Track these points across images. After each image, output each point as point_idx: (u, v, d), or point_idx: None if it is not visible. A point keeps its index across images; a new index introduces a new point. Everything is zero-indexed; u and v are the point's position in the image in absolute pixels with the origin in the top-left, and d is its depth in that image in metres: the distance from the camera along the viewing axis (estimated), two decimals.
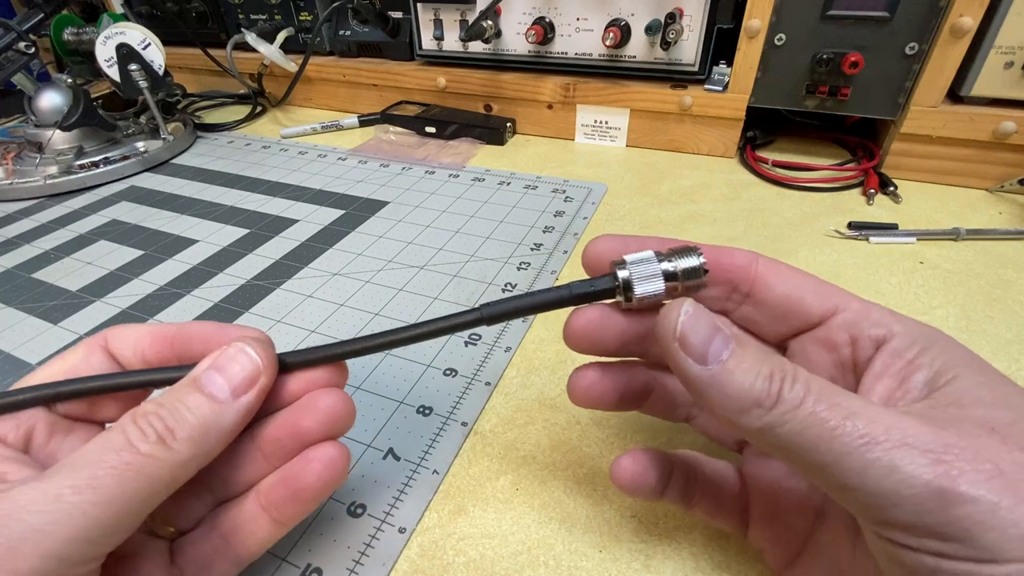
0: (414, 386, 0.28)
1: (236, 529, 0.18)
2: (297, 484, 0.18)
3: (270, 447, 0.18)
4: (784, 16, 0.45)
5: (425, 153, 0.56)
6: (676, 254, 0.17)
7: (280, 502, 0.18)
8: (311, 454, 0.18)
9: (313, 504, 0.18)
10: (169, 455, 0.15)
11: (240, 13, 0.70)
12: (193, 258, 0.40)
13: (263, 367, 0.17)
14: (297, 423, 0.18)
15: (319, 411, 0.18)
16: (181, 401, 0.16)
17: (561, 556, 0.21)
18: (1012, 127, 0.41)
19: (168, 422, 0.15)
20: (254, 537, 0.18)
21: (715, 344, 0.15)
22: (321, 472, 0.18)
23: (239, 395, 0.16)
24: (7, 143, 0.57)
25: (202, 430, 0.16)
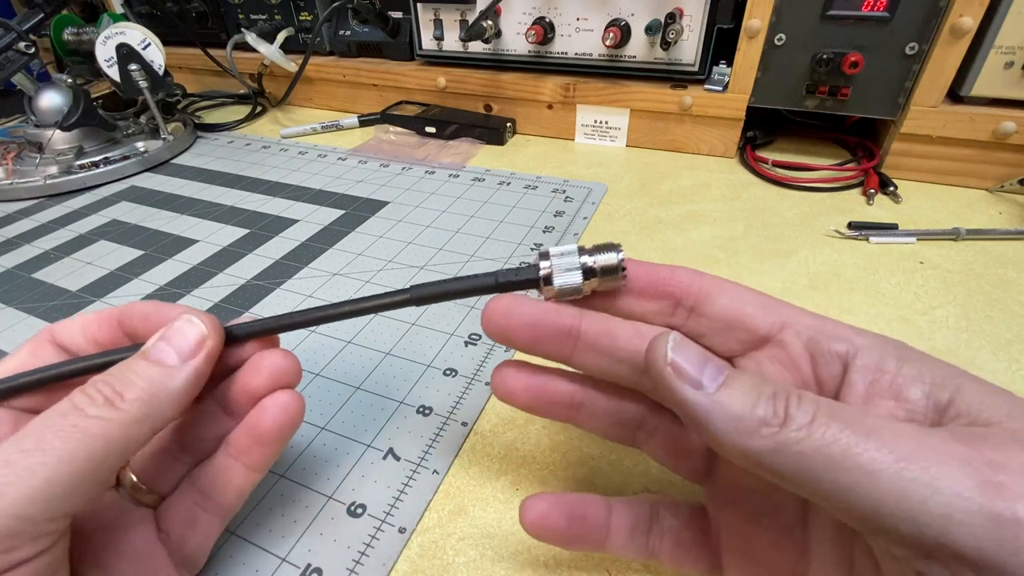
0: (414, 386, 0.28)
1: (212, 481, 0.19)
2: (257, 429, 0.19)
3: (231, 405, 0.20)
4: (784, 16, 0.45)
5: (425, 153, 0.56)
6: (598, 250, 0.18)
7: (246, 448, 0.19)
8: (266, 402, 0.19)
9: (275, 445, 0.19)
10: (118, 415, 0.15)
11: (240, 13, 0.70)
12: (193, 258, 0.40)
13: (208, 332, 0.18)
14: (247, 383, 0.19)
15: (263, 369, 0.19)
16: (128, 368, 0.17)
17: (561, 556, 0.21)
18: (1012, 127, 0.41)
19: (116, 387, 0.16)
20: (230, 485, 0.19)
21: (708, 369, 0.14)
22: (276, 415, 0.19)
23: (187, 359, 0.17)
24: (7, 143, 0.57)
25: (151, 391, 0.16)
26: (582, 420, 0.20)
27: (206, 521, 0.19)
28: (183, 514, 0.19)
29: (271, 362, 0.19)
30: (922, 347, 0.30)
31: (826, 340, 0.16)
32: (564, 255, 0.18)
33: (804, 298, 0.33)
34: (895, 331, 0.31)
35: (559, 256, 0.18)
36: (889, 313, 0.32)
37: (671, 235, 0.41)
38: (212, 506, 0.19)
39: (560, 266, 0.18)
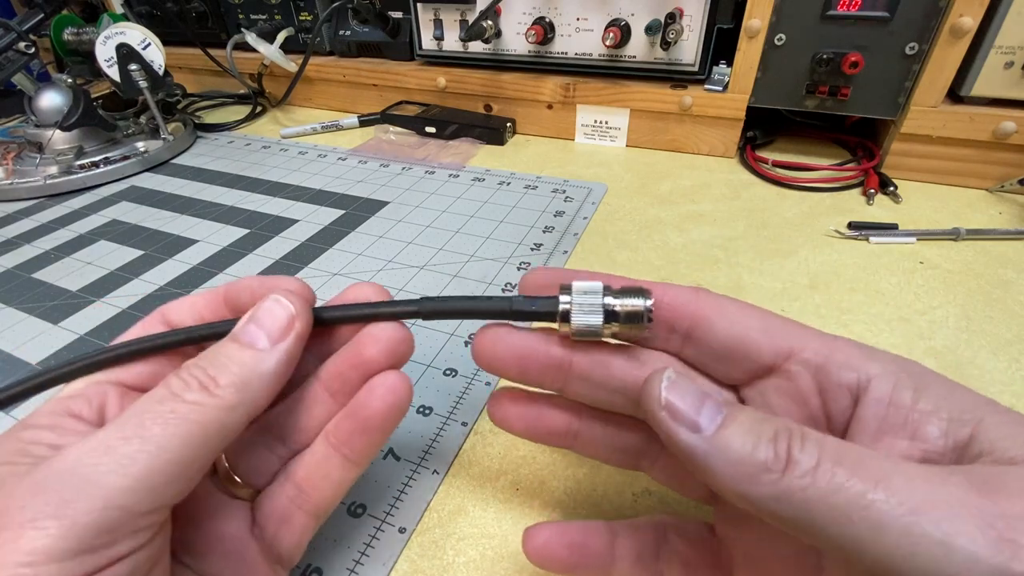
0: (414, 386, 0.28)
1: (309, 475, 0.18)
2: (363, 413, 0.18)
3: (335, 383, 0.18)
4: (784, 16, 0.45)
5: (425, 153, 0.56)
6: (625, 293, 0.16)
7: (348, 436, 0.18)
8: (374, 382, 0.18)
9: (380, 434, 0.18)
10: (214, 401, 0.15)
11: (240, 13, 0.70)
12: (193, 258, 0.40)
13: (296, 313, 0.17)
14: (359, 354, 0.18)
15: (380, 340, 0.18)
16: (221, 353, 0.16)
17: None
18: (1012, 127, 0.41)
19: (210, 371, 0.15)
20: (327, 480, 0.18)
21: (706, 409, 0.13)
22: (385, 396, 0.18)
23: (277, 342, 0.17)
24: (7, 143, 0.57)
25: (244, 376, 0.16)
26: (580, 448, 0.19)
27: (301, 519, 0.18)
28: (278, 511, 0.18)
29: (388, 332, 0.18)
30: (922, 347, 0.30)
31: (835, 370, 0.15)
32: (587, 293, 0.17)
33: (804, 298, 0.33)
34: (895, 331, 0.31)
35: (582, 294, 0.17)
36: (889, 313, 0.32)
37: (671, 235, 0.41)
38: (308, 503, 0.18)
39: (582, 304, 0.16)
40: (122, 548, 0.13)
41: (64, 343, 0.33)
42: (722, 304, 0.16)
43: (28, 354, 0.32)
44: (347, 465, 0.18)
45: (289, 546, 0.18)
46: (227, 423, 0.15)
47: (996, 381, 0.27)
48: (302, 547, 0.19)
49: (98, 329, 0.34)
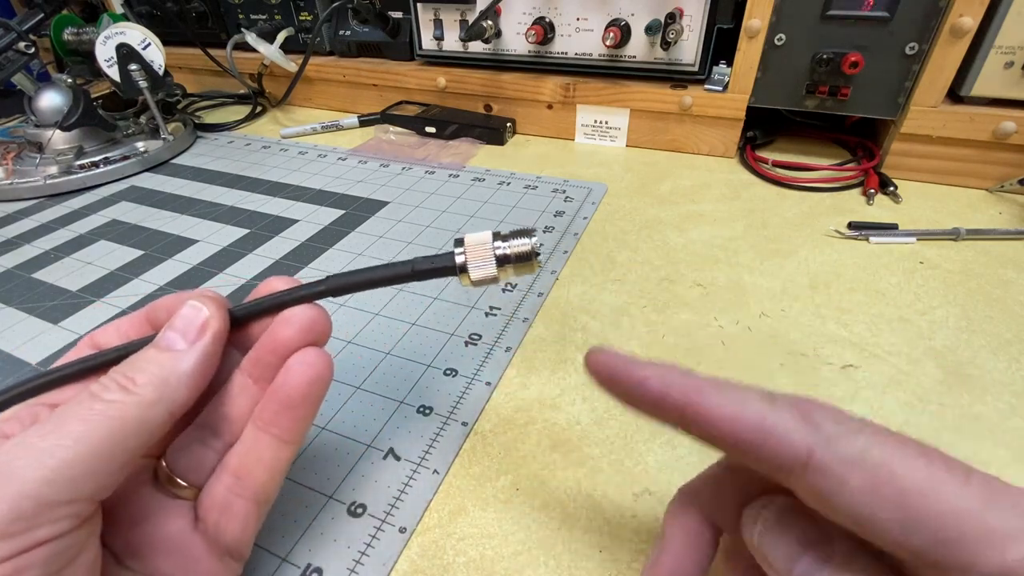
0: (414, 386, 0.28)
1: (242, 460, 0.18)
2: (283, 391, 0.18)
3: (256, 369, 0.19)
4: (784, 16, 0.45)
5: (425, 153, 0.56)
6: (513, 236, 0.18)
7: (273, 416, 0.18)
8: (291, 360, 0.18)
9: (306, 409, 0.19)
10: (132, 398, 0.16)
11: (240, 13, 0.70)
12: (193, 258, 0.40)
13: (210, 314, 0.18)
14: (274, 338, 0.19)
15: (292, 322, 0.19)
16: (140, 358, 0.17)
17: (561, 556, 0.21)
18: (1012, 127, 0.41)
19: (128, 373, 0.16)
20: (260, 462, 0.18)
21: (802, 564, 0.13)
22: (304, 372, 0.18)
23: (194, 342, 0.17)
24: (7, 143, 0.57)
25: (162, 375, 0.16)
26: None
27: (241, 506, 0.18)
28: (217, 503, 0.18)
29: (303, 313, 0.19)
30: (922, 347, 0.30)
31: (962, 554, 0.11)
32: (478, 244, 0.18)
33: (804, 298, 0.33)
34: (895, 331, 0.31)
35: (474, 246, 0.18)
36: (889, 313, 0.32)
37: (671, 235, 0.41)
38: (246, 490, 0.18)
39: (474, 255, 0.18)
40: (40, 534, 0.14)
41: (64, 343, 0.33)
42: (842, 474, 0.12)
43: (28, 354, 0.32)
44: (278, 445, 0.18)
45: (234, 536, 0.18)
46: (147, 418, 0.16)
47: (996, 381, 0.27)
48: (248, 535, 0.19)
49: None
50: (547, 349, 0.31)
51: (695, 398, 0.14)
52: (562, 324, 0.32)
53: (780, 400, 0.14)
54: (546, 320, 0.33)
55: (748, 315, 0.32)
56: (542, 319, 0.33)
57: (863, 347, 0.30)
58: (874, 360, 0.29)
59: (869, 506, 0.12)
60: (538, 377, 0.29)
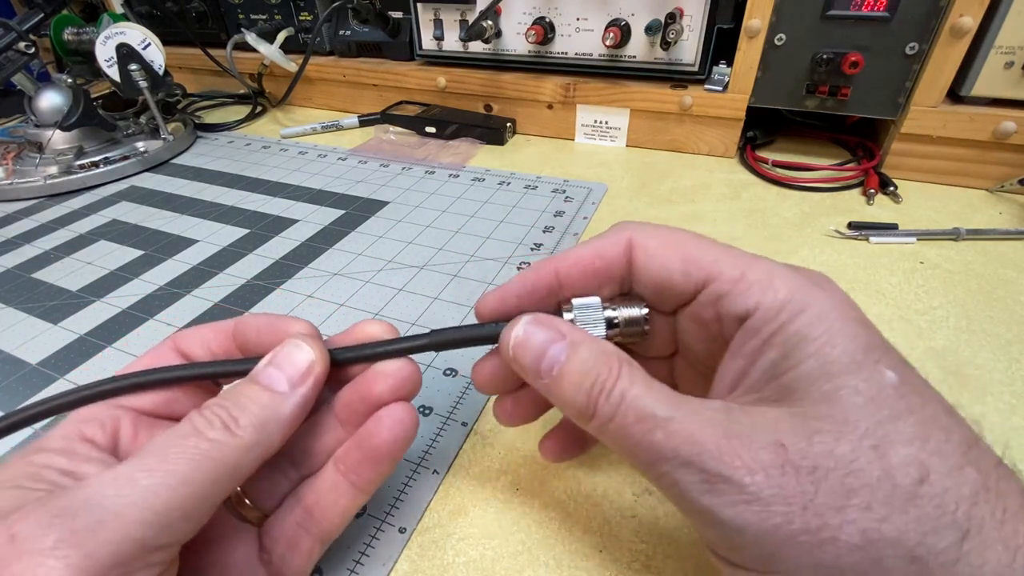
0: None
1: (318, 500, 0.18)
2: (370, 443, 0.18)
3: (345, 412, 0.19)
4: (784, 16, 0.45)
5: (425, 153, 0.56)
6: (623, 302, 0.18)
7: (356, 465, 0.18)
8: (381, 414, 0.19)
9: (387, 464, 0.19)
10: (234, 440, 0.15)
11: (240, 13, 0.70)
12: (193, 258, 0.40)
13: (316, 359, 0.18)
14: (368, 388, 0.19)
15: (388, 376, 0.19)
16: (243, 394, 0.17)
17: (561, 556, 0.21)
18: (1012, 127, 0.41)
19: (232, 411, 0.16)
20: (336, 506, 0.18)
21: (549, 355, 0.16)
22: (392, 427, 0.18)
23: (296, 386, 0.17)
24: (7, 143, 0.57)
25: (263, 418, 0.16)
26: None
27: (308, 544, 0.18)
28: (286, 535, 0.18)
29: (396, 368, 0.19)
30: (922, 347, 0.30)
31: (732, 299, 0.16)
32: (588, 308, 0.18)
33: None
34: (895, 331, 0.31)
35: (582, 309, 0.18)
36: (889, 313, 0.32)
37: None
38: (316, 528, 0.18)
39: (583, 320, 0.18)
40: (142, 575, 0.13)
41: (64, 343, 0.33)
42: (648, 244, 0.18)
43: (28, 354, 0.32)
44: (354, 492, 0.19)
45: (295, 570, 0.18)
46: (243, 462, 0.16)
47: (996, 381, 0.27)
48: (308, 571, 0.19)
49: (98, 329, 0.34)
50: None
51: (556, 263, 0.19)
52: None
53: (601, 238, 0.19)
54: None
55: None
56: None
57: None
58: None
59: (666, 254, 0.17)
60: None
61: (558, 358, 0.16)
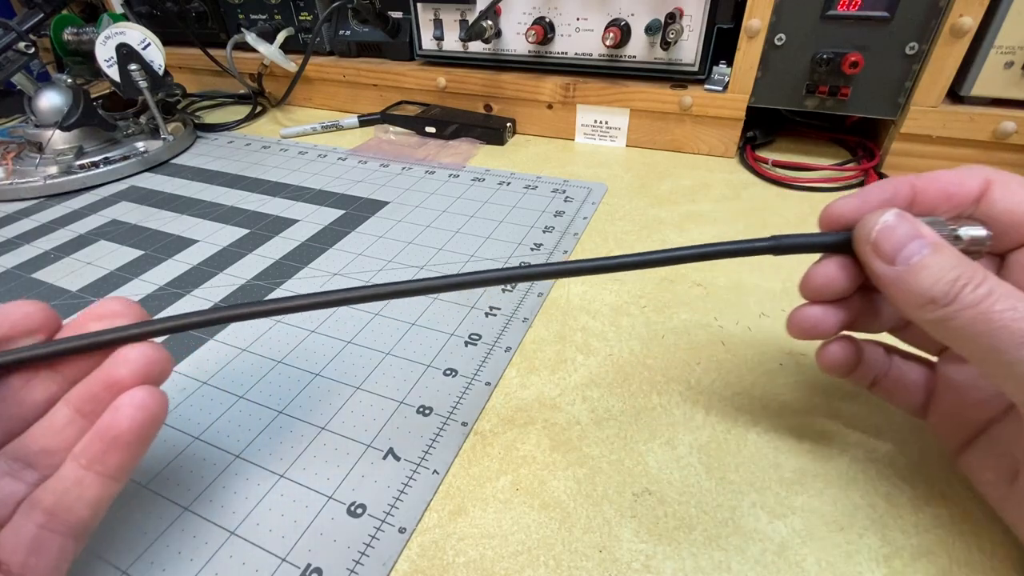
0: (414, 386, 0.28)
1: (59, 499, 0.17)
2: (112, 432, 0.17)
3: (88, 406, 0.18)
4: (784, 16, 0.45)
5: (425, 153, 0.56)
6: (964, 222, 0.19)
7: (100, 455, 0.17)
8: (121, 400, 0.18)
9: (134, 448, 0.18)
10: None
11: (240, 13, 0.70)
12: (193, 258, 0.40)
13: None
14: (111, 375, 0.18)
15: (131, 360, 0.18)
16: None
17: (561, 556, 0.21)
18: (1012, 127, 0.41)
19: None
20: (82, 500, 0.17)
21: (909, 247, 0.17)
22: (134, 414, 0.17)
23: None
24: (7, 143, 0.57)
25: None
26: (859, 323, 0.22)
27: (56, 544, 0.17)
28: (24, 543, 0.17)
29: (139, 352, 0.18)
30: None
31: None
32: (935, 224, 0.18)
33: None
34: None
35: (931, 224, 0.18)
36: None
37: (671, 235, 0.41)
38: (62, 526, 0.17)
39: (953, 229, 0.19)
40: None
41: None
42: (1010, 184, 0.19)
43: None
44: (104, 482, 0.18)
45: (46, 573, 0.17)
46: None
47: None
48: (64, 570, 0.18)
49: None
50: (547, 349, 0.31)
51: None
52: (562, 324, 0.32)
53: None
54: (546, 320, 0.33)
55: (748, 315, 0.32)
56: (542, 319, 0.33)
57: None
58: None
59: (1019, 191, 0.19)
60: (538, 377, 0.29)
61: (919, 251, 0.17)
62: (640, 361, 0.30)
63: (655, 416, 0.26)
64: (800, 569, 0.20)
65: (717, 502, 0.22)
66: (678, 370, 0.29)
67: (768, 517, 0.22)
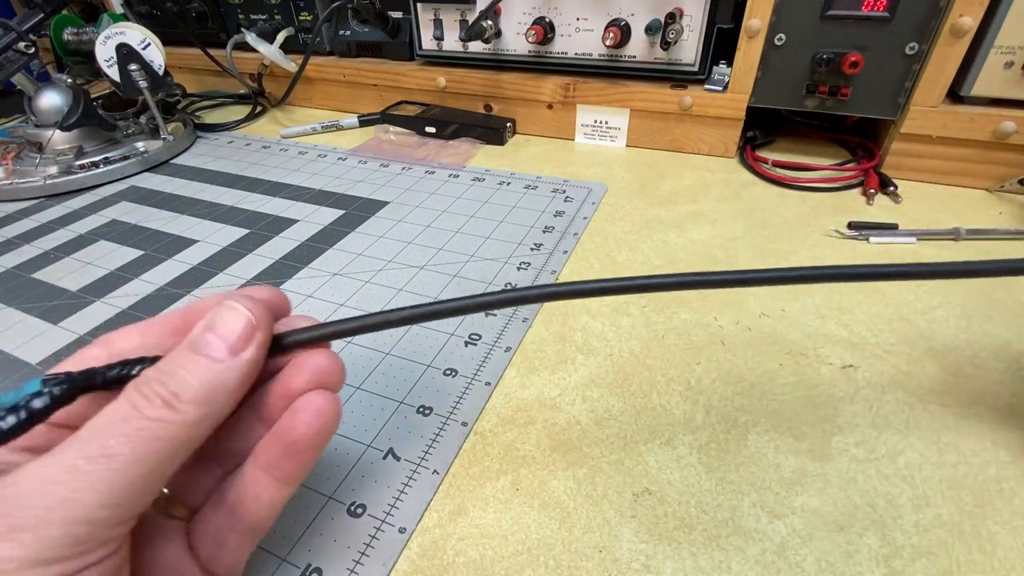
0: (414, 386, 0.28)
1: (240, 497, 0.18)
2: (288, 437, 0.18)
3: (266, 411, 0.18)
4: (784, 16, 0.45)
5: (425, 153, 0.56)
6: None
7: (276, 459, 0.18)
8: (298, 405, 0.18)
9: (309, 455, 0.18)
10: (178, 417, 0.15)
11: (240, 13, 0.70)
12: (193, 258, 0.40)
13: (256, 321, 0.17)
14: (286, 384, 0.18)
15: (305, 369, 0.18)
16: (180, 365, 0.16)
17: (561, 556, 0.21)
18: (1012, 127, 0.41)
19: (171, 387, 0.15)
20: (258, 501, 0.18)
21: None
22: (310, 421, 0.18)
23: (237, 351, 0.16)
24: (7, 143, 0.57)
25: (206, 391, 0.16)
26: None
27: (235, 541, 0.18)
28: (212, 533, 0.18)
29: (315, 362, 0.18)
30: (922, 347, 0.30)
31: None
32: None
33: (804, 298, 0.33)
34: (895, 331, 0.31)
35: None
36: (889, 313, 0.32)
37: (671, 235, 0.41)
38: (241, 525, 0.18)
39: None
40: (93, 557, 0.13)
41: (64, 343, 0.33)
42: None
43: (28, 354, 0.32)
44: (278, 486, 0.18)
45: (226, 567, 0.18)
46: (192, 437, 0.15)
47: (995, 382, 0.27)
48: (240, 565, 0.18)
49: (98, 329, 0.34)
50: (547, 349, 0.31)
51: None
52: (562, 324, 0.32)
53: None
54: (546, 320, 0.33)
55: (748, 315, 0.32)
56: (542, 319, 0.33)
57: (863, 347, 0.30)
58: (874, 360, 0.29)
59: None
60: (538, 377, 0.29)
61: None
62: (640, 361, 0.30)
63: (655, 416, 0.26)
64: (800, 569, 0.20)
65: (717, 502, 0.22)
66: (678, 370, 0.29)
67: (768, 517, 0.22)
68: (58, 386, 0.15)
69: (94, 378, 0.16)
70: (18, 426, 0.14)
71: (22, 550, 0.12)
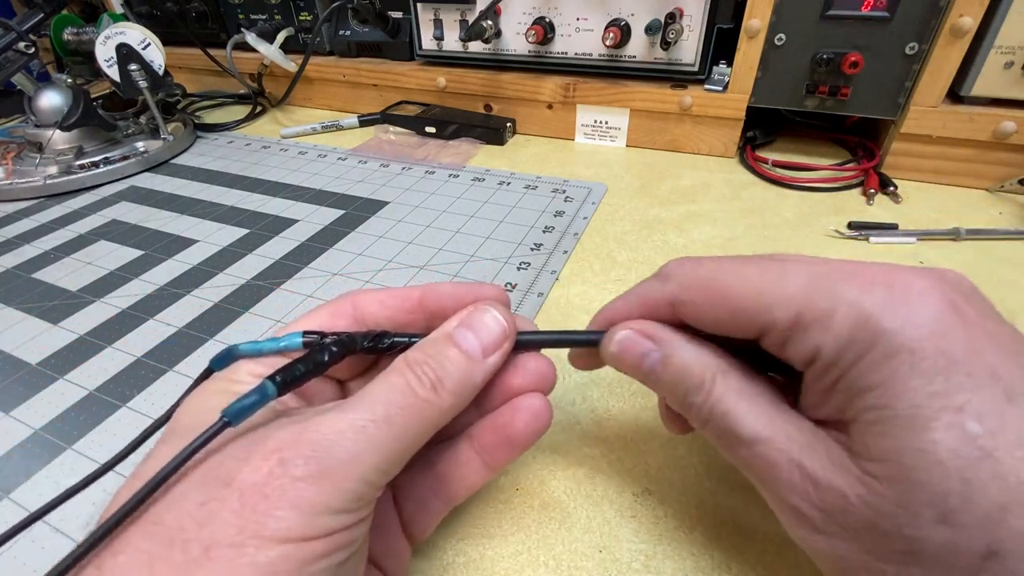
0: None
1: (450, 471, 0.19)
2: (508, 431, 0.19)
3: (482, 399, 0.19)
4: (784, 16, 0.45)
5: (425, 153, 0.56)
6: None
7: (492, 447, 0.19)
8: (520, 403, 0.19)
9: (520, 451, 0.19)
10: (438, 401, 0.16)
11: (240, 13, 0.70)
12: (193, 258, 0.40)
13: (508, 332, 0.18)
14: (507, 381, 0.19)
15: (529, 371, 0.19)
16: (443, 354, 0.17)
17: (561, 556, 0.21)
18: (1012, 127, 0.41)
19: (438, 372, 0.17)
20: (465, 480, 0.19)
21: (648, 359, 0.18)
22: (529, 420, 0.19)
23: (488, 355, 0.18)
24: (7, 143, 0.57)
25: (461, 383, 0.17)
26: None
27: (436, 507, 0.19)
28: (417, 496, 0.19)
29: (537, 365, 0.20)
30: None
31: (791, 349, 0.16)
32: None
33: None
34: None
35: None
36: None
37: (671, 235, 0.41)
38: (444, 493, 0.19)
39: None
40: (364, 513, 0.15)
41: (64, 343, 0.33)
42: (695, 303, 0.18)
43: (28, 354, 0.32)
44: (485, 470, 0.19)
45: (422, 527, 0.19)
46: (440, 422, 0.17)
47: None
48: (431, 529, 0.20)
49: (98, 329, 0.34)
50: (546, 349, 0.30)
51: None
52: (562, 324, 0.32)
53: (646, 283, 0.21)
54: (546, 320, 0.33)
55: None
56: (542, 319, 0.33)
57: None
58: None
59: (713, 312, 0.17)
60: None
61: (653, 367, 0.18)
62: None
63: (655, 416, 0.26)
64: (800, 569, 0.20)
65: (717, 502, 0.22)
66: None
67: (768, 517, 0.22)
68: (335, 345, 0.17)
69: (355, 344, 0.18)
70: (306, 374, 0.17)
71: (322, 496, 0.13)
